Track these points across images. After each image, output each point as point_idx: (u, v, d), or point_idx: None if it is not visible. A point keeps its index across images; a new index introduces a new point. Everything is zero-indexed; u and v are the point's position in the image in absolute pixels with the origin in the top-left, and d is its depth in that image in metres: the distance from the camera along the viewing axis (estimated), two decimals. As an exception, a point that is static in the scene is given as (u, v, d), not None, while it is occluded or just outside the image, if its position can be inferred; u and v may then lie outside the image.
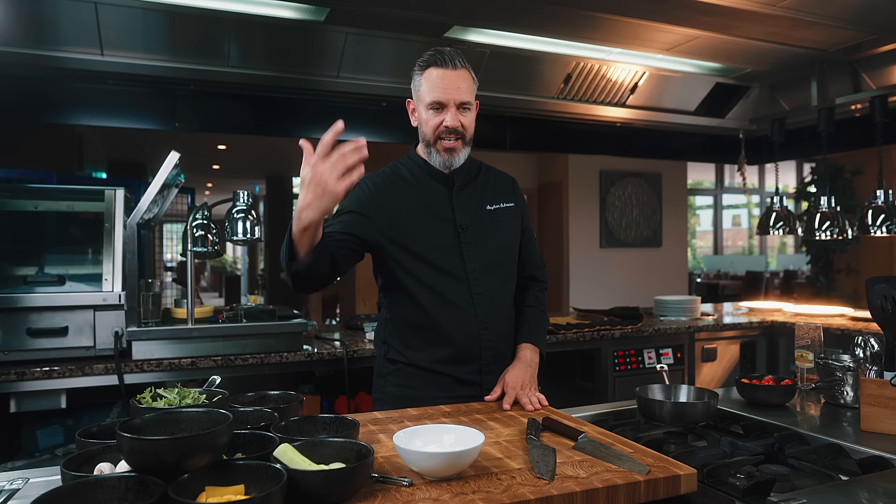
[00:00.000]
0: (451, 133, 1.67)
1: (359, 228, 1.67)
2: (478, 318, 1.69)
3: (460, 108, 1.67)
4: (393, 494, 1.01)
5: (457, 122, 1.66)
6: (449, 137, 1.67)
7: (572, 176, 7.09)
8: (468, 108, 1.69)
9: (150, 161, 9.34)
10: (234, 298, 12.69)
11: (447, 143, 1.68)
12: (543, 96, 3.63)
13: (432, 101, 1.66)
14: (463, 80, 1.66)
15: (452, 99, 1.65)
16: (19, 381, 2.18)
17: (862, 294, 1.72)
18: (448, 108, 1.66)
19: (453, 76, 1.65)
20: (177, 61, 2.92)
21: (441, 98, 1.65)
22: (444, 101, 1.65)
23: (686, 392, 1.61)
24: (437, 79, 1.65)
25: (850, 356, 1.71)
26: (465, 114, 1.68)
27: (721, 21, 2.83)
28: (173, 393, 1.21)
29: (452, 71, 1.65)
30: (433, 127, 1.68)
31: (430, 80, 1.66)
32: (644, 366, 3.27)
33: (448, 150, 1.69)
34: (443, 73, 1.65)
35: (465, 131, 1.69)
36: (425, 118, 1.69)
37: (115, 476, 0.93)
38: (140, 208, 2.33)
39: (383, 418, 1.47)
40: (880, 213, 3.31)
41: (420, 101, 1.70)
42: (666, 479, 1.08)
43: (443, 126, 1.67)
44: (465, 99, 1.66)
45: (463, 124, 1.68)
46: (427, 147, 1.72)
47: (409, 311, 1.72)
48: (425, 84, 1.67)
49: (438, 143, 1.69)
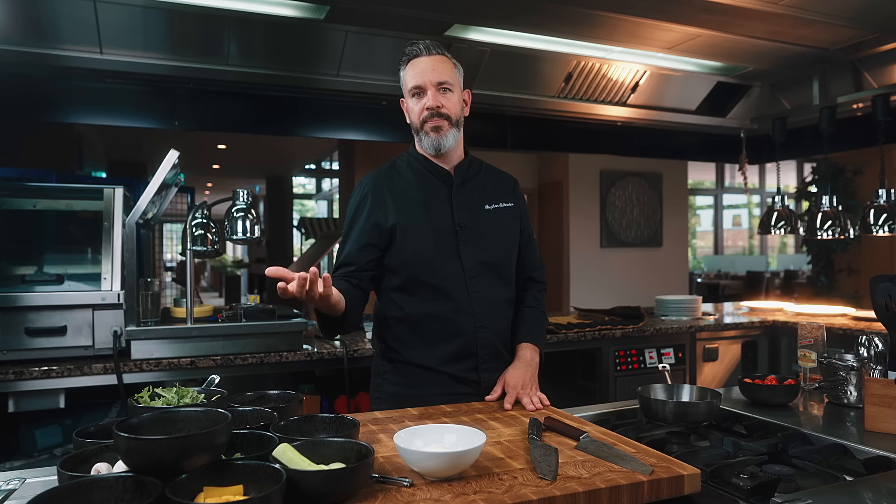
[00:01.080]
0: (434, 115, 1.69)
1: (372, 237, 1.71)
2: (475, 316, 1.68)
3: (440, 88, 1.69)
4: (393, 495, 1.00)
5: (437, 101, 1.69)
6: (431, 119, 1.69)
7: (573, 176, 7.08)
8: (448, 87, 1.71)
9: (150, 161, 9.34)
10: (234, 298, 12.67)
11: (432, 123, 1.70)
12: (544, 95, 3.62)
13: (412, 86, 1.71)
14: (439, 63, 1.70)
15: (429, 80, 1.68)
16: (18, 381, 2.16)
17: (863, 294, 1.72)
18: (427, 90, 1.69)
19: (428, 60, 1.70)
20: (176, 60, 2.91)
21: (419, 82, 1.69)
22: (423, 84, 1.69)
23: (688, 392, 1.59)
24: (415, 66, 1.70)
25: (854, 355, 1.70)
26: (445, 94, 1.70)
27: (723, 19, 2.82)
28: (171, 392, 1.20)
29: (427, 56, 1.70)
30: (417, 112, 1.71)
31: (409, 71, 1.72)
32: (645, 365, 3.26)
33: (435, 129, 1.70)
34: (418, 60, 1.70)
35: (448, 112, 1.70)
36: (410, 106, 1.74)
37: (112, 476, 0.91)
38: (139, 207, 2.32)
39: (384, 418, 1.46)
40: (882, 213, 3.30)
41: (406, 94, 1.75)
42: (669, 479, 1.07)
43: (425, 109, 1.69)
44: (442, 79, 1.69)
45: (444, 104, 1.69)
46: (417, 135, 1.75)
47: (405, 308, 1.71)
48: (407, 76, 1.73)
49: (424, 125, 1.71)
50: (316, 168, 12.09)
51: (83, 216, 2.52)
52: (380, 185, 1.75)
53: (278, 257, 11.76)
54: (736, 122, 4.19)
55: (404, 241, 1.69)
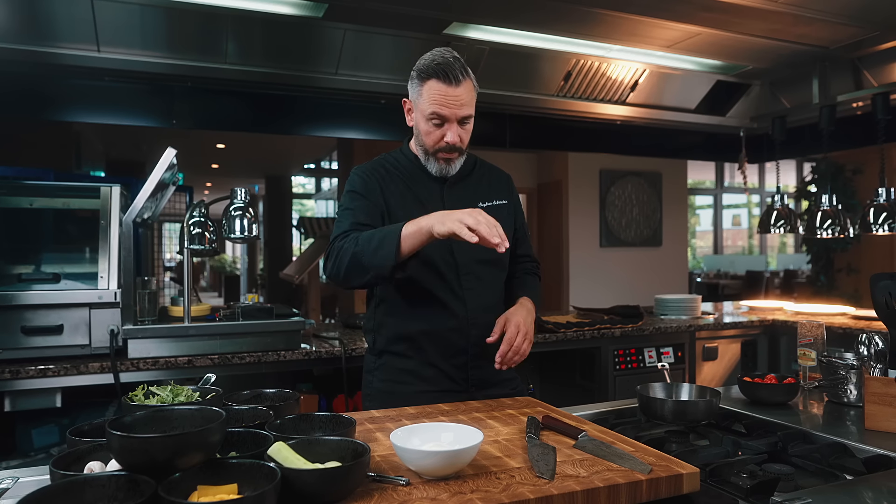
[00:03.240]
0: (452, 149, 1.67)
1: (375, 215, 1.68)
2: (467, 314, 1.68)
3: (461, 122, 1.65)
4: (390, 494, 0.99)
5: (457, 138, 1.64)
6: (448, 154, 1.67)
7: (572, 175, 7.08)
8: (468, 121, 1.67)
9: (149, 160, 9.32)
10: (233, 298, 12.67)
11: (446, 155, 1.68)
12: (543, 94, 3.61)
13: (433, 113, 1.62)
14: (465, 94, 1.62)
15: (454, 115, 1.62)
16: (14, 380, 2.15)
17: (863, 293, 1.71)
18: (450, 124, 1.63)
19: (456, 92, 1.60)
20: (174, 58, 2.90)
21: (444, 112, 1.61)
22: (447, 116, 1.62)
23: (688, 390, 1.59)
24: (439, 93, 1.60)
25: (854, 354, 1.69)
26: (465, 127, 1.67)
27: (722, 17, 2.82)
28: (166, 390, 1.19)
29: (455, 87, 1.59)
30: (433, 141, 1.66)
31: (430, 93, 1.61)
32: (644, 364, 3.25)
33: (446, 161, 1.69)
34: (445, 89, 1.59)
35: (463, 144, 1.69)
36: (425, 129, 1.66)
37: (105, 475, 0.90)
38: (136, 206, 2.31)
39: (380, 417, 1.45)
40: (882, 212, 3.29)
41: (419, 110, 1.66)
42: (668, 478, 1.06)
43: (444, 142, 1.65)
44: (466, 113, 1.64)
45: (462, 139, 1.67)
46: (425, 154, 1.72)
47: (396, 303, 1.71)
48: (426, 95, 1.62)
49: (438, 154, 1.68)
50: (315, 168, 12.09)
51: (80, 215, 2.51)
52: (374, 178, 1.74)
53: (277, 257, 11.75)
54: (735, 120, 4.19)
55: None
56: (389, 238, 1.49)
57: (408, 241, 1.49)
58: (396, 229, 1.50)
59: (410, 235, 1.48)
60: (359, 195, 1.70)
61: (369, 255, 1.52)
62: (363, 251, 1.53)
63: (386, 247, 1.49)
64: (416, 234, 1.47)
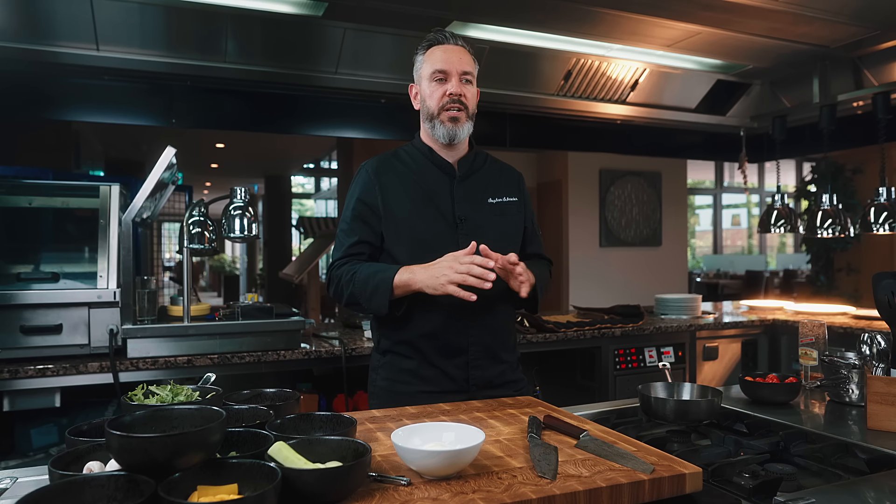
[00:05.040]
0: (455, 102, 1.69)
1: (373, 230, 1.72)
2: (470, 312, 1.66)
3: (462, 78, 1.71)
4: (391, 494, 0.98)
5: (460, 89, 1.70)
6: (453, 107, 1.69)
7: (572, 175, 7.07)
8: (470, 79, 1.73)
9: (148, 159, 9.31)
10: (232, 298, 12.65)
11: (451, 112, 1.70)
12: (543, 93, 3.61)
13: (436, 70, 1.70)
14: (465, 54, 1.73)
15: (455, 68, 1.70)
16: (13, 380, 2.15)
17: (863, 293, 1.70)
18: (451, 77, 1.70)
19: (455, 49, 1.72)
20: (174, 57, 2.89)
21: (444, 67, 1.70)
22: (448, 70, 1.70)
23: (689, 390, 1.58)
24: (440, 52, 1.71)
25: (856, 353, 1.69)
26: (467, 85, 1.72)
27: (723, 17, 2.81)
28: (166, 390, 1.18)
29: (454, 45, 1.73)
30: (437, 97, 1.71)
31: (432, 57, 1.72)
32: (645, 364, 3.24)
33: (452, 120, 1.71)
34: (445, 48, 1.72)
35: (468, 103, 1.72)
36: (429, 91, 1.72)
37: (104, 475, 0.90)
38: (135, 205, 2.30)
39: (381, 416, 1.44)
40: (883, 211, 3.29)
41: (423, 78, 1.74)
42: (671, 478, 1.06)
43: (447, 95, 1.69)
44: (467, 69, 1.72)
45: (465, 94, 1.71)
46: (430, 121, 1.73)
47: (401, 299, 1.69)
48: (428, 61, 1.73)
49: (443, 113, 1.71)
50: (315, 167, 12.08)
51: (79, 214, 2.50)
52: (382, 171, 1.75)
53: (277, 256, 11.73)
54: (736, 120, 4.18)
55: (403, 230, 1.69)
56: (382, 288, 1.60)
57: (399, 291, 1.61)
58: (389, 279, 1.60)
59: (401, 287, 1.60)
60: (355, 209, 1.73)
61: (365, 300, 1.64)
62: (360, 294, 1.64)
63: (378, 298, 1.61)
64: (406, 289, 1.60)
